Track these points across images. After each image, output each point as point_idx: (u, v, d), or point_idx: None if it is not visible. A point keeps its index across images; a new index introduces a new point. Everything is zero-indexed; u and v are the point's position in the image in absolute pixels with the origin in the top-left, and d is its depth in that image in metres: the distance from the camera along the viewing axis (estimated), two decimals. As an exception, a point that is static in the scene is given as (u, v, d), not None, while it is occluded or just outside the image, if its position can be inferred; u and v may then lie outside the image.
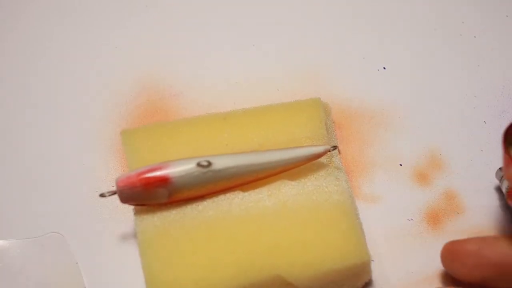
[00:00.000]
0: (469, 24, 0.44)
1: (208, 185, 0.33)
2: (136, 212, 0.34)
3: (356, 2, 0.46)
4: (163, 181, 0.33)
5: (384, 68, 0.43)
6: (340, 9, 0.45)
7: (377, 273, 0.35)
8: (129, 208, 0.35)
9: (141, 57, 0.43)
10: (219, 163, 0.33)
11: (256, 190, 0.34)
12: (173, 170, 0.33)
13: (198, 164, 0.33)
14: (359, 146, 0.39)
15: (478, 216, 0.37)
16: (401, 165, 0.39)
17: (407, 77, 0.42)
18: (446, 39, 0.44)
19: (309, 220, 0.33)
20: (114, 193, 0.33)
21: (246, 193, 0.34)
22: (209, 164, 0.33)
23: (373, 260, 0.35)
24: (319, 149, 0.35)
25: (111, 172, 0.38)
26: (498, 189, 0.38)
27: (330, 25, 0.45)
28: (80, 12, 0.45)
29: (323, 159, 0.35)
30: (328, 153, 0.35)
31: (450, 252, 0.33)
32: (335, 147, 0.35)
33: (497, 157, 0.39)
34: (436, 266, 0.35)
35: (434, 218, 0.37)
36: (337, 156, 0.36)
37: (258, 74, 0.42)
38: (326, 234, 0.33)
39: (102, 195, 0.34)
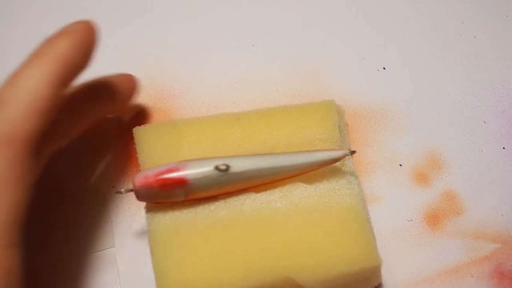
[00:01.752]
0: (469, 24, 0.44)
1: (225, 187, 0.33)
2: (148, 211, 0.34)
3: (356, 2, 0.46)
4: (180, 183, 0.32)
5: (384, 68, 0.43)
6: (340, 9, 0.45)
7: (376, 274, 0.35)
8: (140, 207, 0.35)
9: (141, 57, 0.43)
10: (237, 166, 0.33)
11: (268, 192, 0.34)
12: (191, 172, 0.33)
13: (216, 168, 0.33)
14: (359, 147, 0.39)
15: (478, 216, 0.37)
16: (400, 165, 0.39)
17: (407, 77, 0.42)
18: (446, 39, 0.44)
19: (320, 222, 0.33)
20: (130, 190, 0.34)
21: (258, 194, 0.34)
22: (227, 168, 0.33)
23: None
24: (338, 153, 0.34)
25: (111, 172, 0.38)
26: (498, 189, 0.38)
27: (330, 25, 0.45)
28: (80, 12, 0.45)
29: (336, 163, 0.35)
30: None
31: None
32: (353, 152, 0.35)
33: (496, 157, 0.39)
34: (436, 266, 0.35)
35: (434, 219, 0.37)
36: (349, 159, 0.36)
37: (258, 74, 0.42)
38: (337, 237, 0.33)
39: (118, 192, 0.34)
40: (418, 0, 0.46)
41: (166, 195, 0.33)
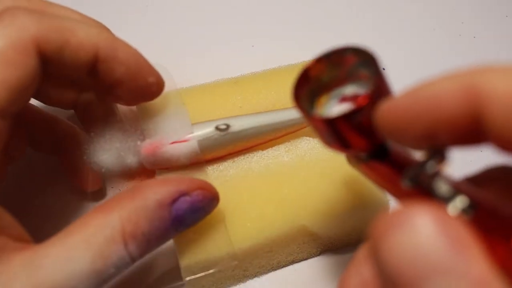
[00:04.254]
0: (469, 24, 0.44)
1: (228, 147, 0.34)
2: (159, 175, 0.35)
3: (356, 2, 0.46)
4: None
5: (384, 68, 0.43)
6: (340, 9, 0.45)
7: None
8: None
9: (141, 57, 0.43)
10: (237, 125, 0.34)
11: (274, 148, 0.35)
12: (193, 135, 0.34)
13: (217, 128, 0.34)
14: (359, 146, 0.39)
15: (478, 216, 0.37)
16: (400, 165, 0.39)
17: (407, 77, 0.42)
18: (446, 39, 0.44)
19: (326, 171, 0.34)
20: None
21: (264, 151, 0.35)
22: (227, 127, 0.34)
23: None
24: None
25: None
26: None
27: (330, 25, 0.45)
28: (80, 12, 0.45)
29: None
30: None
31: None
32: None
33: (496, 157, 0.39)
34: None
35: (433, 218, 0.37)
36: None
37: (258, 74, 0.42)
38: (344, 183, 0.34)
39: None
40: (418, 0, 0.46)
41: (172, 160, 0.34)
